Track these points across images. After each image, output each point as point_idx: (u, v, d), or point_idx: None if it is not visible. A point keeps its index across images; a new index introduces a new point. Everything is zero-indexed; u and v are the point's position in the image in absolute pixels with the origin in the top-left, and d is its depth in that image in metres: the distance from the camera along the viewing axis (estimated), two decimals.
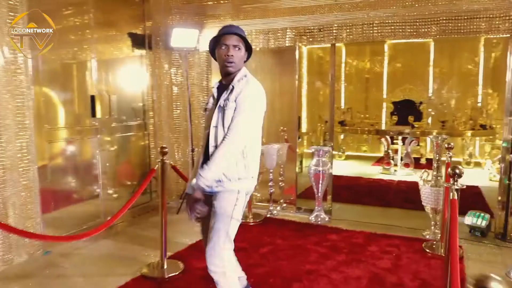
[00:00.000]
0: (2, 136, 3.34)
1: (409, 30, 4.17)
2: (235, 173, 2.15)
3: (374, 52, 9.20)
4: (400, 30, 4.18)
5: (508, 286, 3.04)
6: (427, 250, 3.67)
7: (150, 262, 3.43)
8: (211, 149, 2.17)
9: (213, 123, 2.18)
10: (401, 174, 7.17)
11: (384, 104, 8.88)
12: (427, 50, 8.58)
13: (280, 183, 5.08)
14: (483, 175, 6.97)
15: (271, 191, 4.83)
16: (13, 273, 3.26)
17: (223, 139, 2.11)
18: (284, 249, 3.74)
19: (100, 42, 4.43)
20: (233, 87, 2.18)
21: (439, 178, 3.88)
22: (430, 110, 7.95)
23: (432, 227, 4.02)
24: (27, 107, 3.53)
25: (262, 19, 4.75)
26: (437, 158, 3.95)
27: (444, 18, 4.01)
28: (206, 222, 2.26)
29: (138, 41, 4.98)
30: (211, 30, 5.01)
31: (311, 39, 4.60)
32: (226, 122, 2.14)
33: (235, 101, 2.14)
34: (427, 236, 4.02)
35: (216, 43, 2.22)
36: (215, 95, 2.29)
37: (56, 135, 3.96)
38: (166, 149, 3.30)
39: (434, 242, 3.80)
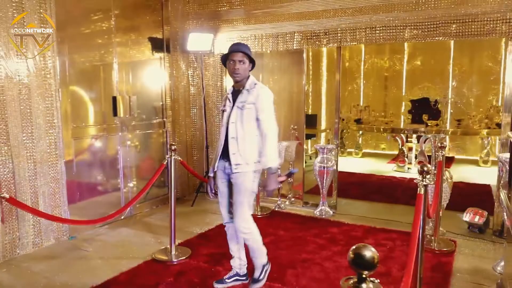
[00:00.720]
0: (34, 134, 3.80)
1: (409, 34, 4.32)
2: (254, 158, 2.78)
3: (393, 50, 9.23)
4: (401, 34, 4.35)
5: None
6: None
7: (161, 248, 3.79)
8: (230, 140, 2.78)
9: (232, 120, 2.79)
10: (415, 172, 7.25)
11: (403, 103, 8.92)
12: (447, 48, 8.56)
13: (289, 179, 5.34)
14: None
15: (279, 186, 5.10)
16: (42, 255, 3.71)
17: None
18: (285, 240, 4.02)
19: (123, 46, 4.83)
20: (247, 91, 2.81)
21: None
22: (449, 108, 7.97)
23: (431, 223, 4.18)
24: (56, 107, 3.98)
25: (272, 23, 5.03)
26: (435, 156, 4.10)
27: (443, 21, 4.14)
28: (224, 199, 2.96)
29: (158, 45, 5.35)
30: (225, 34, 5.34)
31: (317, 42, 4.83)
32: (244, 118, 2.76)
33: (253, 103, 2.76)
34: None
35: (226, 58, 2.87)
36: (231, 98, 2.89)
37: (81, 133, 4.38)
38: (174, 146, 3.64)
39: (428, 236, 3.96)
